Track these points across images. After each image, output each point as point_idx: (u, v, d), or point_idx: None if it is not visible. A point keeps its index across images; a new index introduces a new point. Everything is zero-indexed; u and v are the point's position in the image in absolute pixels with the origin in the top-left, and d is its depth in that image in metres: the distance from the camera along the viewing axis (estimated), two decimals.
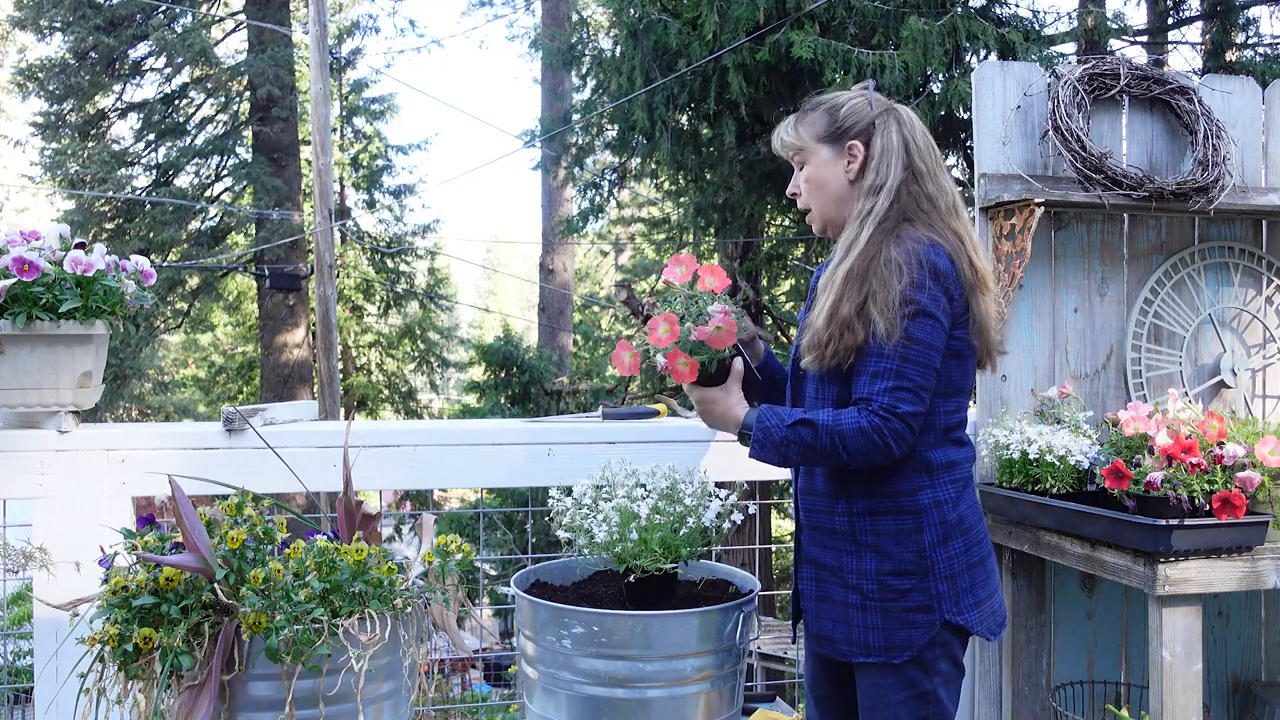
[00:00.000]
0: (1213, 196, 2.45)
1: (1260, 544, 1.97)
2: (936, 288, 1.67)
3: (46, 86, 12.83)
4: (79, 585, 2.08)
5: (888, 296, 1.65)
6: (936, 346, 1.68)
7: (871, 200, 1.76)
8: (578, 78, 9.50)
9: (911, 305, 1.65)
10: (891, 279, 1.66)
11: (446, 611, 1.76)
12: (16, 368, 2.09)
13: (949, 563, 1.73)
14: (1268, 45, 7.81)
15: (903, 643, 1.71)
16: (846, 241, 1.77)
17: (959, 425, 1.80)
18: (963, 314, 1.73)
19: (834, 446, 1.66)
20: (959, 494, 1.77)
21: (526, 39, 18.30)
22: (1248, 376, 2.66)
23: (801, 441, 1.69)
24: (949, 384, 1.74)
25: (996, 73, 2.55)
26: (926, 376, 1.67)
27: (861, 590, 1.75)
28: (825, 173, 1.84)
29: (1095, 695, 2.56)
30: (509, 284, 37.34)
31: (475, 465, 2.35)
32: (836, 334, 1.68)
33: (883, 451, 1.65)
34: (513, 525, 11.09)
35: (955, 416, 1.78)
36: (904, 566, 1.73)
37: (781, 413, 1.74)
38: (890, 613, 1.72)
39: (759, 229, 9.24)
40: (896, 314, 1.65)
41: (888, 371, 1.65)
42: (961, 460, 1.79)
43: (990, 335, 1.80)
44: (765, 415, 1.75)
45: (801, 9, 6.52)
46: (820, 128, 1.85)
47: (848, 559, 1.77)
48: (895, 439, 1.64)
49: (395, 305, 16.81)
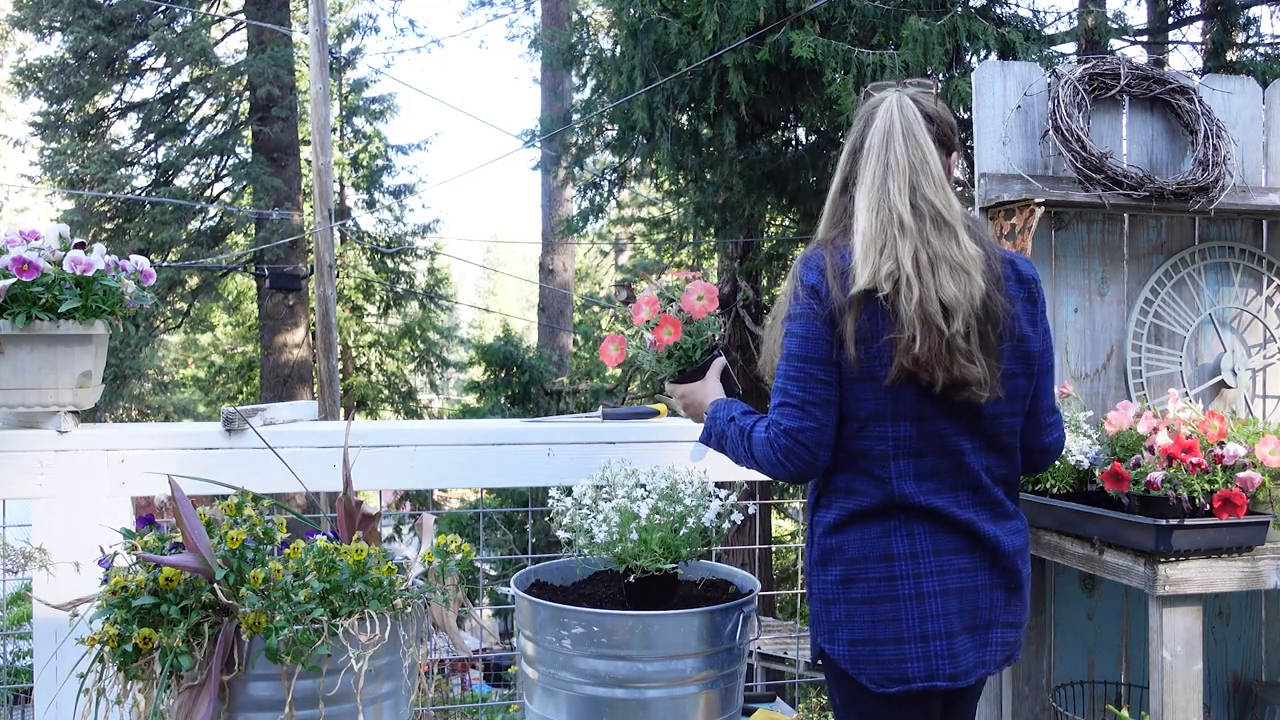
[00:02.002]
0: (1213, 196, 2.45)
1: (1261, 544, 1.97)
2: (807, 300, 1.60)
3: (46, 86, 12.84)
4: (79, 585, 2.07)
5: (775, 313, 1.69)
6: (813, 358, 1.59)
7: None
8: (578, 77, 9.50)
9: (788, 322, 1.64)
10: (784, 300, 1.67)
11: (446, 611, 1.76)
12: (16, 368, 2.09)
13: (823, 587, 1.66)
14: (1268, 45, 7.81)
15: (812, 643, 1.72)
16: None
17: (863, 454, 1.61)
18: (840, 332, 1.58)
19: (747, 450, 1.67)
20: (845, 521, 1.63)
21: (526, 39, 18.32)
22: (1248, 376, 2.66)
23: (729, 437, 1.72)
24: (845, 407, 1.61)
25: (996, 73, 2.54)
26: (809, 390, 1.58)
27: None
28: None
29: (1095, 695, 2.56)
30: (509, 284, 37.35)
31: (475, 465, 2.35)
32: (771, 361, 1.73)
33: (779, 467, 1.62)
34: (513, 525, 11.09)
35: (856, 443, 1.61)
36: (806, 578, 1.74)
37: (734, 407, 1.76)
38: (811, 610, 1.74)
39: (759, 229, 9.25)
40: (778, 332, 1.66)
41: (775, 390, 1.64)
42: (859, 490, 1.63)
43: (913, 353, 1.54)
44: (720, 406, 1.79)
45: (801, 9, 6.52)
46: None
47: None
48: (785, 454, 1.60)
49: (395, 305, 16.81)
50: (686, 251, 12.83)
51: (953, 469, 1.63)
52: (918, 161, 1.63)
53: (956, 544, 1.63)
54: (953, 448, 1.62)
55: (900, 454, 1.60)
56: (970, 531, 1.64)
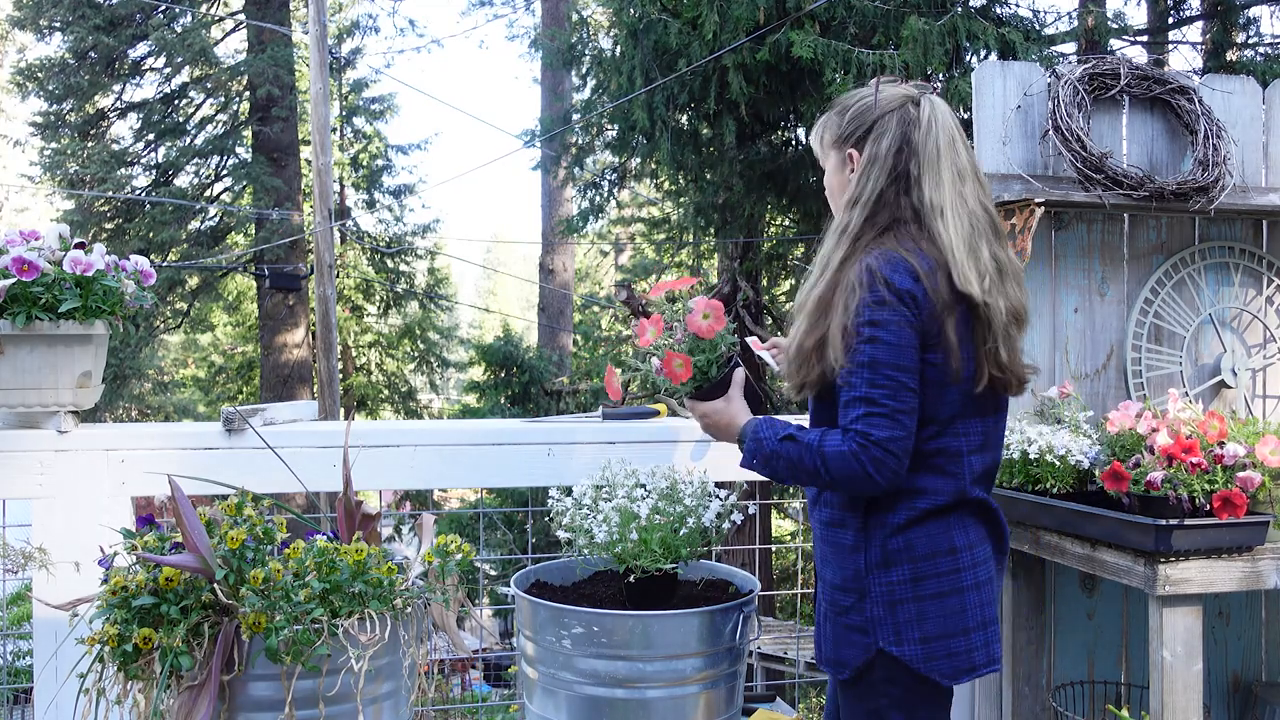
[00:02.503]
0: (1213, 196, 2.45)
1: (1261, 544, 1.97)
2: (898, 307, 1.56)
3: (46, 86, 12.83)
4: (79, 585, 2.07)
5: (845, 322, 1.58)
6: (905, 367, 1.57)
7: (849, 214, 1.68)
8: (578, 78, 9.50)
9: (868, 327, 1.56)
10: (851, 302, 1.58)
11: (446, 611, 1.75)
12: (16, 368, 2.09)
13: (888, 588, 1.64)
14: (1268, 45, 7.81)
15: (846, 659, 1.67)
16: (822, 259, 1.70)
17: (937, 454, 1.65)
18: (935, 337, 1.59)
19: (817, 467, 1.59)
20: (915, 520, 1.64)
21: (526, 39, 18.30)
22: (1248, 376, 2.66)
23: (788, 457, 1.63)
24: (925, 410, 1.62)
25: (996, 73, 2.54)
26: (900, 399, 1.56)
27: (824, 600, 1.73)
28: (834, 180, 1.78)
29: (1095, 695, 2.56)
30: (509, 284, 37.35)
31: (475, 465, 2.35)
32: (801, 367, 1.65)
33: (864, 480, 1.56)
34: (513, 525, 11.09)
35: (932, 444, 1.64)
36: (845, 583, 1.67)
37: (778, 425, 1.69)
38: (837, 626, 1.68)
39: (759, 229, 9.24)
40: (854, 340, 1.57)
41: (857, 400, 1.57)
42: (930, 490, 1.64)
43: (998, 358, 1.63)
44: (761, 426, 1.70)
45: (801, 9, 6.52)
46: (832, 132, 1.77)
47: (821, 567, 1.75)
48: (875, 466, 1.55)
49: (395, 305, 16.81)
50: (686, 251, 12.83)
51: (995, 462, 1.74)
52: (975, 167, 1.70)
53: (982, 533, 1.71)
54: (998, 440, 1.73)
55: (972, 450, 1.67)
56: (995, 521, 1.74)
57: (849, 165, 1.74)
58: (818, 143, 1.82)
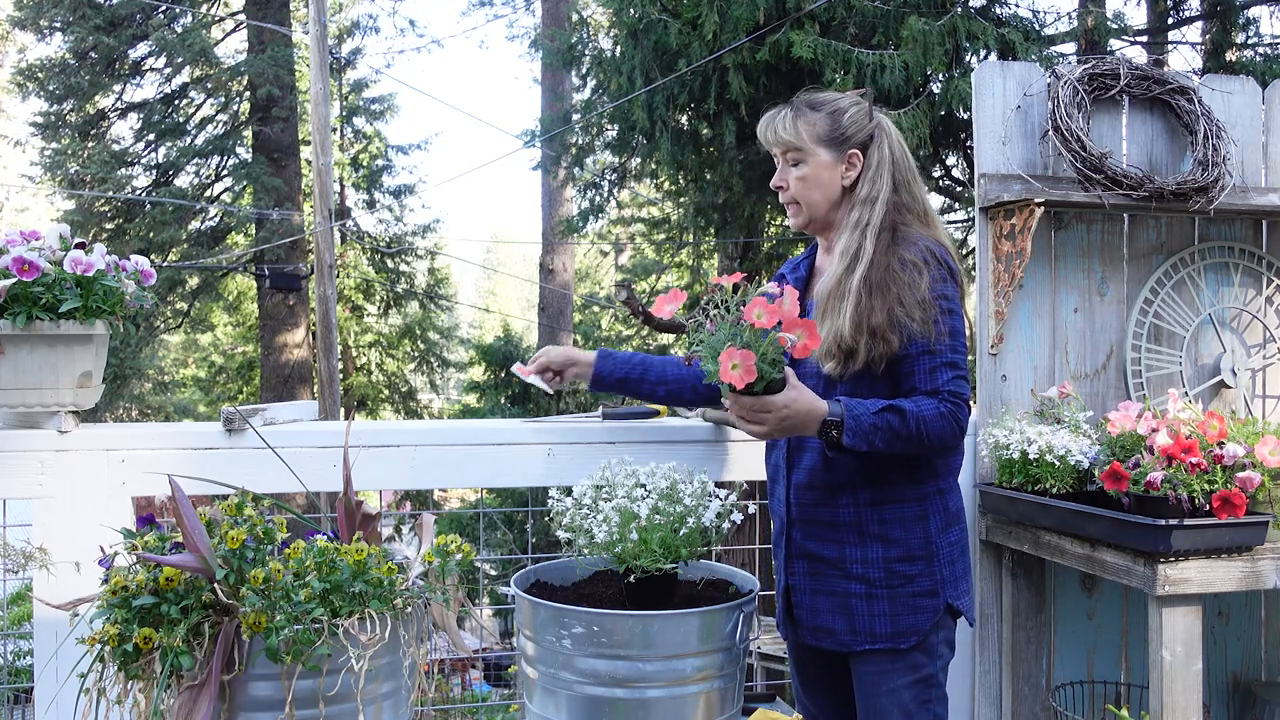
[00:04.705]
0: (1213, 196, 2.45)
1: (1260, 544, 1.97)
2: (955, 283, 1.83)
3: (46, 86, 12.83)
4: (79, 585, 2.07)
5: (916, 296, 1.76)
6: (965, 336, 1.83)
7: (868, 210, 1.86)
8: (578, 78, 9.50)
9: (944, 300, 1.79)
10: (916, 279, 1.77)
11: (446, 611, 1.75)
12: (16, 368, 2.09)
13: (950, 549, 1.85)
14: (1268, 45, 7.81)
15: (910, 628, 1.81)
16: (849, 250, 1.84)
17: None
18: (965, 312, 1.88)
19: (919, 432, 1.73)
20: (956, 485, 1.92)
21: (526, 39, 18.30)
22: (1248, 376, 2.66)
23: (889, 428, 1.74)
24: None
25: (996, 73, 2.55)
26: (966, 364, 1.82)
27: (867, 579, 1.83)
28: (824, 175, 1.92)
29: (1095, 695, 2.56)
30: (509, 284, 37.37)
31: (475, 465, 2.35)
32: (869, 342, 1.76)
33: (956, 435, 1.78)
34: (513, 525, 11.10)
35: None
36: (911, 553, 1.82)
37: (864, 402, 1.77)
38: (898, 599, 1.81)
39: (759, 229, 9.25)
40: (933, 311, 1.77)
41: (946, 364, 1.77)
42: (960, 452, 1.92)
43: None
44: (851, 405, 1.76)
45: (801, 9, 6.52)
46: (822, 130, 1.92)
47: (851, 549, 1.85)
48: (964, 423, 1.78)
49: (395, 305, 16.81)
50: (686, 251, 12.83)
51: None
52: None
53: None
54: None
55: None
56: None
57: (846, 164, 1.91)
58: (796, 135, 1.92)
